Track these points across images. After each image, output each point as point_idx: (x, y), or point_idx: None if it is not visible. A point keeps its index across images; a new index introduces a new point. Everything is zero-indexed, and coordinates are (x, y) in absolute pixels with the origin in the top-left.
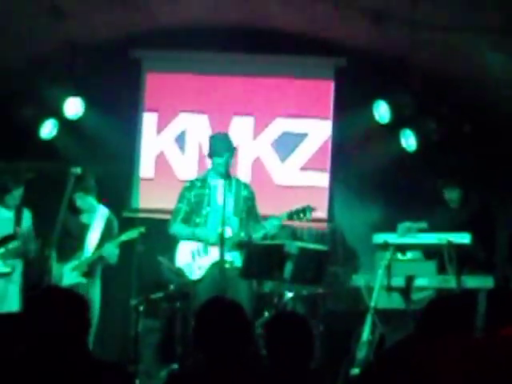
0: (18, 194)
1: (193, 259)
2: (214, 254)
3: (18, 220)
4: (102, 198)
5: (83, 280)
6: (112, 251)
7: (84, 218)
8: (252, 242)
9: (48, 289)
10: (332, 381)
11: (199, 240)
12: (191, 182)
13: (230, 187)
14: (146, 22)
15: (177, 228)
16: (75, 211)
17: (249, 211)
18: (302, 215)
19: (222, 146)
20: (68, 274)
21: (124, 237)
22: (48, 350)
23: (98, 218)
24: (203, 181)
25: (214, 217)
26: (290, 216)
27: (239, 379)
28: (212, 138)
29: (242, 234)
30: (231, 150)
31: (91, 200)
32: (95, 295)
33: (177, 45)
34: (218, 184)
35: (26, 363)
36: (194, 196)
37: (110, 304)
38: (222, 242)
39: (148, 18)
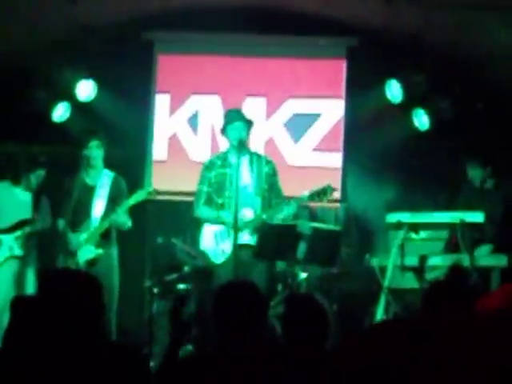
0: (34, 177)
1: (216, 243)
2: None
3: (35, 205)
4: None
5: (100, 251)
6: (122, 219)
7: (89, 180)
8: (265, 223)
9: (59, 272)
10: None
11: (224, 223)
12: (210, 161)
13: (251, 164)
14: (159, 3)
15: (200, 211)
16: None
17: (271, 189)
18: (322, 195)
19: (232, 116)
20: (82, 248)
21: (132, 200)
22: (61, 333)
23: (103, 180)
24: (223, 159)
25: (237, 198)
26: (311, 197)
27: (255, 360)
28: (225, 111)
29: (265, 216)
30: (242, 119)
31: (101, 156)
32: (113, 262)
33: (189, 26)
34: (239, 162)
35: (40, 346)
36: (215, 176)
37: (124, 286)
38: (235, 225)
39: None
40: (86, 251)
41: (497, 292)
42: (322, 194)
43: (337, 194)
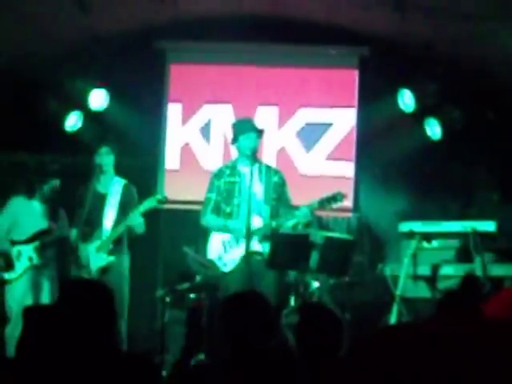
0: (48, 187)
1: (224, 251)
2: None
3: (51, 215)
4: None
5: (112, 258)
6: (138, 220)
7: (100, 188)
8: (278, 232)
9: (72, 282)
10: None
11: (231, 232)
12: (220, 169)
13: (260, 174)
14: (170, 12)
15: (208, 220)
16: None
17: (279, 198)
18: (332, 202)
19: (246, 126)
20: (94, 257)
21: (142, 208)
22: (74, 342)
23: (114, 187)
24: (232, 168)
25: (245, 206)
26: (321, 204)
27: (266, 369)
28: (235, 121)
29: (274, 224)
30: (256, 130)
31: (111, 163)
32: (124, 270)
33: (201, 35)
34: (248, 171)
35: (54, 355)
36: (224, 184)
37: (137, 295)
38: (248, 233)
39: (172, 8)
40: (98, 259)
41: (498, 298)
42: (332, 200)
43: (349, 203)
